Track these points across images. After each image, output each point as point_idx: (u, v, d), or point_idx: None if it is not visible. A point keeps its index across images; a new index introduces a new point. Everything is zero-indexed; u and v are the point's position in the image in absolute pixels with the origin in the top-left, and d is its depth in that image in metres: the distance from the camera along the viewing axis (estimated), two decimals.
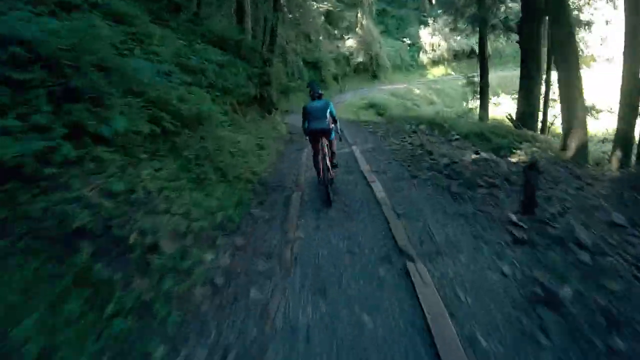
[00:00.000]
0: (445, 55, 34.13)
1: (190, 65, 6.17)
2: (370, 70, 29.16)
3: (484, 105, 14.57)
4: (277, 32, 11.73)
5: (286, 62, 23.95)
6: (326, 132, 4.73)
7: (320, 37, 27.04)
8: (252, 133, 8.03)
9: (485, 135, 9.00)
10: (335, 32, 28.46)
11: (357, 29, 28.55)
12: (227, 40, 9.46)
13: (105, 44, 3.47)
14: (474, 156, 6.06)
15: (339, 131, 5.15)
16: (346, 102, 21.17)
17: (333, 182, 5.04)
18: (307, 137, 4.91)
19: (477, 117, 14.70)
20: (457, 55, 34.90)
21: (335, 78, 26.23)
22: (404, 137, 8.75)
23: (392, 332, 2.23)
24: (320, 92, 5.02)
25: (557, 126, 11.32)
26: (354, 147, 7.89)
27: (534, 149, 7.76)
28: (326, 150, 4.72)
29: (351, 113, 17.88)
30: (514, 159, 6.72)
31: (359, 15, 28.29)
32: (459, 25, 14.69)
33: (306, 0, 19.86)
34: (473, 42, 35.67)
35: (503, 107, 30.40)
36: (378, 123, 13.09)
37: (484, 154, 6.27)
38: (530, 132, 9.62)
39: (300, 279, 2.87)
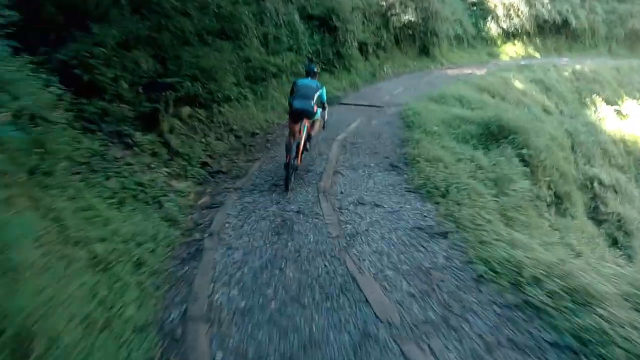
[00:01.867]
0: (527, 26, 21.74)
1: None
2: (418, 41, 16.73)
3: None
4: None
5: (262, 15, 10.77)
6: (309, 114, 4.91)
7: None
8: None
9: None
10: None
11: None
12: None
13: None
14: None
15: (326, 117, 5.47)
16: (406, 106, 8.82)
17: (297, 169, 5.05)
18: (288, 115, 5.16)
19: None
20: (541, 28, 22.55)
21: (364, 49, 13.78)
22: None
23: None
24: (315, 70, 5.36)
25: None
26: None
27: None
28: (303, 135, 4.94)
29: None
30: None
31: None
32: None
33: None
34: (566, 8, 23.36)
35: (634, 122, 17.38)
36: None
37: None
38: None
39: None
